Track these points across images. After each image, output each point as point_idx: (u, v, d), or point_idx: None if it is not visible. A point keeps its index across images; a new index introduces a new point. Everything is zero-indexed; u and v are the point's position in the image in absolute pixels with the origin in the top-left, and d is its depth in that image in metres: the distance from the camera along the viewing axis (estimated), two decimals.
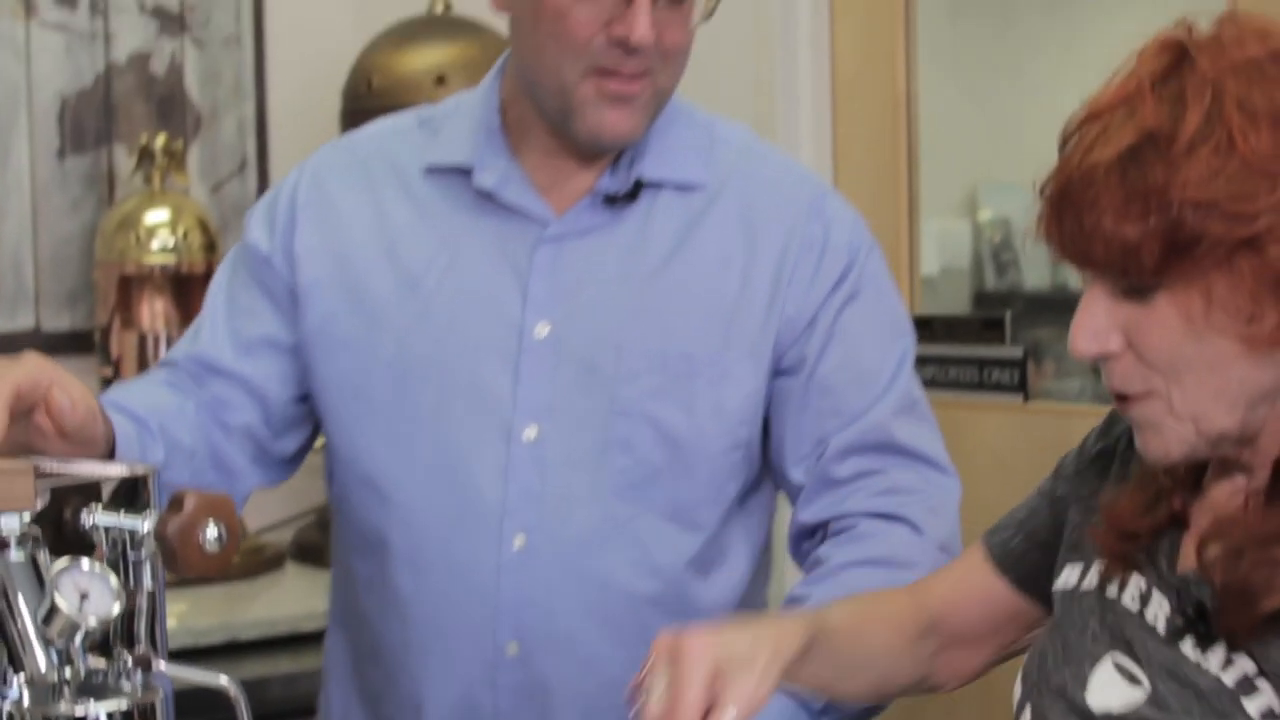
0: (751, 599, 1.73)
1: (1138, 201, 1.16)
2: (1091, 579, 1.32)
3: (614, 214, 1.66)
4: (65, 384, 1.44)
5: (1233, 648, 1.19)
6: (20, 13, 2.87)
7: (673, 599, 1.65)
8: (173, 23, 2.99)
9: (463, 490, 1.63)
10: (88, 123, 2.95)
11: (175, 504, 1.21)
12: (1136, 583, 1.29)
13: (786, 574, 2.37)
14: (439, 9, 3.02)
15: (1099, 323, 1.22)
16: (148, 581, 1.24)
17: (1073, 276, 3.03)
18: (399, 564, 1.67)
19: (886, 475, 1.64)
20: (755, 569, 1.73)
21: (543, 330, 1.64)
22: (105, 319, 2.80)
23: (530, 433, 1.63)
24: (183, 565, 1.21)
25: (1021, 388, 2.67)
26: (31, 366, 1.42)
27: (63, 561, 1.14)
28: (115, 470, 1.29)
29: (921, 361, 2.73)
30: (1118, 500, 1.32)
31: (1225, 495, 1.27)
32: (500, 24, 3.02)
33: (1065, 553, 1.38)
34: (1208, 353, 1.19)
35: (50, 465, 1.34)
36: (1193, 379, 1.20)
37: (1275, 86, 1.17)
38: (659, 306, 1.64)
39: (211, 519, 1.21)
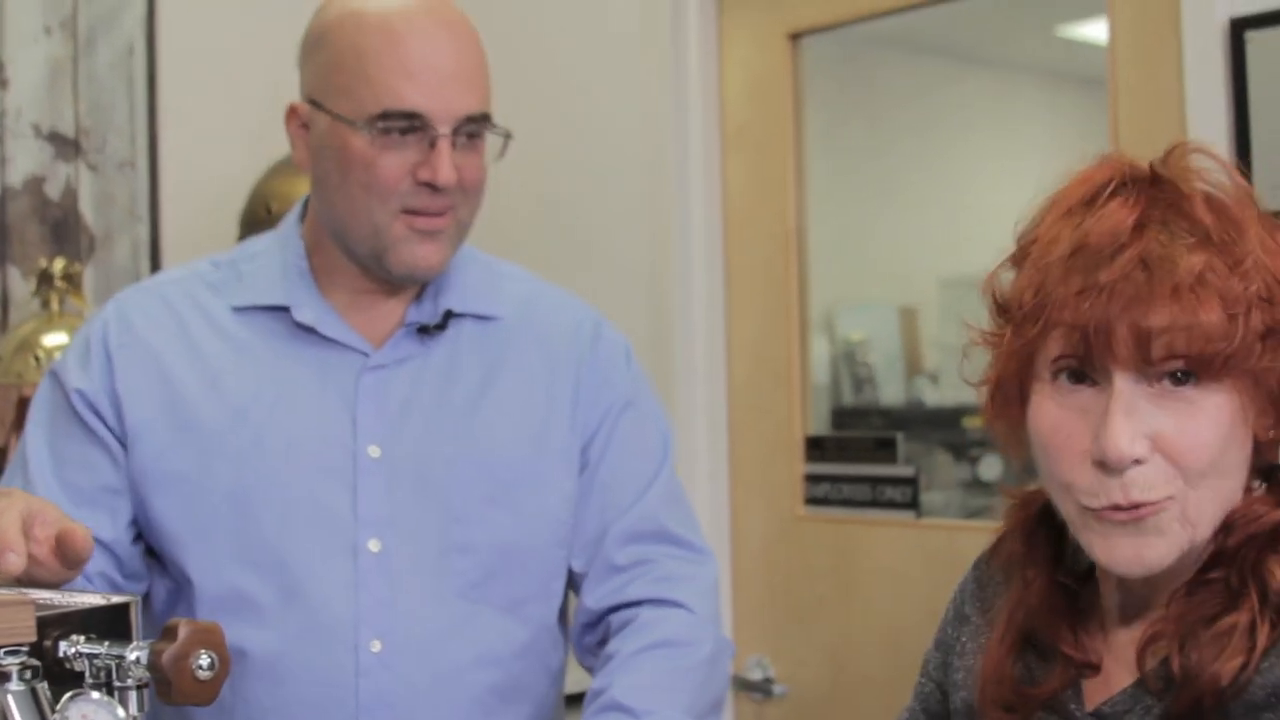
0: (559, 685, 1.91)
1: (1234, 301, 1.18)
2: None
3: (425, 343, 1.82)
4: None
5: None
6: None
7: (510, 687, 1.79)
8: (68, 147, 3.00)
9: (316, 604, 1.72)
10: None
11: (169, 633, 1.24)
12: None
13: None
14: None
15: (1140, 424, 1.20)
16: (133, 707, 1.26)
17: (927, 392, 3.16)
18: (256, 676, 1.74)
19: (659, 564, 1.84)
20: (567, 656, 1.91)
21: (374, 451, 1.77)
22: (3, 440, 2.78)
23: (374, 545, 1.75)
24: (176, 694, 1.23)
25: (914, 505, 2.76)
26: (35, 500, 1.48)
27: (70, 692, 1.16)
28: (95, 600, 1.31)
29: (816, 479, 2.84)
30: (991, 659, 1.35)
31: (1129, 626, 1.30)
32: None
33: (971, 714, 1.40)
34: (1234, 456, 1.22)
35: (35, 596, 1.36)
36: (1212, 485, 1.21)
37: (1262, 232, 1.23)
38: (478, 425, 1.80)
39: (204, 648, 1.24)
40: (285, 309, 1.80)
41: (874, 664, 2.77)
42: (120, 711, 1.16)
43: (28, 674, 1.18)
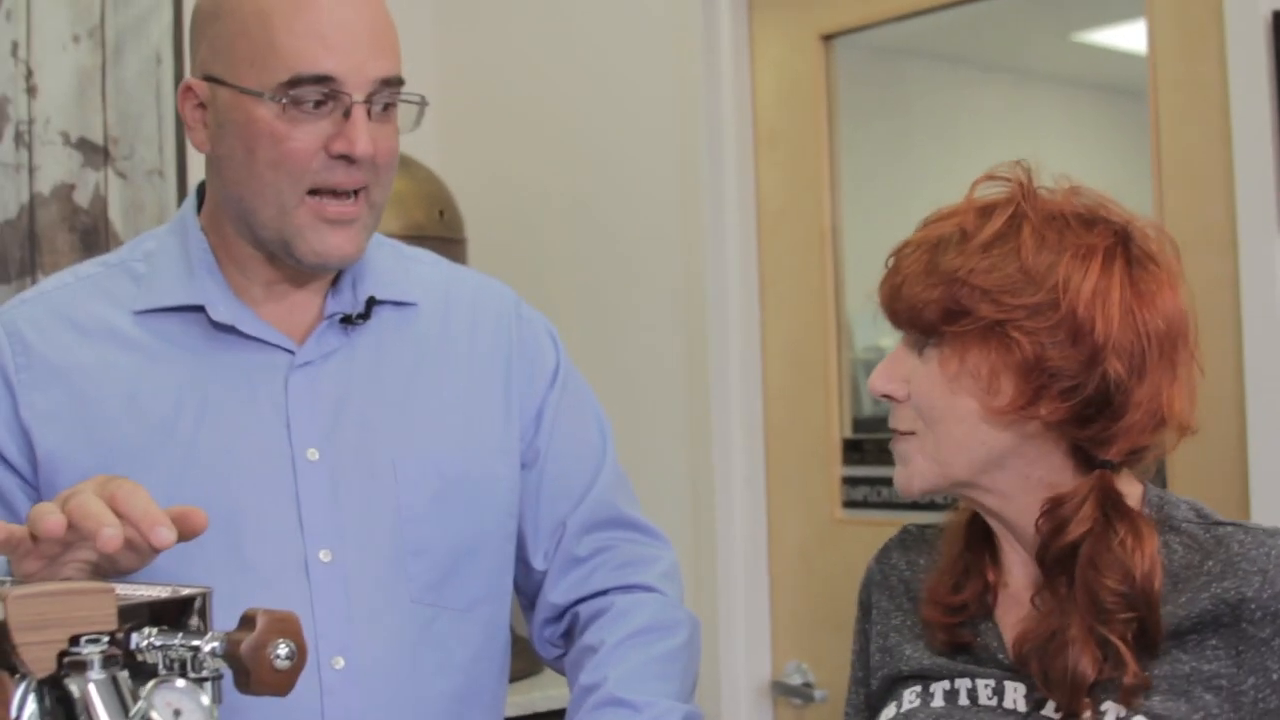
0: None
1: (935, 275, 1.47)
2: (938, 697, 1.53)
3: (349, 334, 1.70)
4: None
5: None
6: None
7: (469, 693, 1.72)
8: (96, 154, 2.99)
9: None
10: (12, 252, 2.93)
11: (246, 623, 1.22)
12: (983, 683, 1.52)
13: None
14: None
15: (892, 369, 1.53)
16: (206, 699, 1.24)
17: None
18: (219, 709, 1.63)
19: (620, 550, 1.79)
20: (509, 657, 1.83)
21: (313, 455, 1.65)
22: None
23: (325, 556, 1.64)
24: (255, 683, 1.22)
25: (953, 506, 2.73)
26: (113, 479, 1.41)
27: (156, 679, 1.14)
28: (164, 592, 1.29)
29: (854, 482, 2.82)
30: (934, 580, 1.60)
31: (1017, 568, 1.55)
32: (429, 157, 3.07)
33: (893, 686, 1.61)
34: (958, 409, 1.48)
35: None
36: (944, 429, 1.49)
37: (1065, 232, 1.47)
38: (417, 418, 1.70)
39: (283, 638, 1.22)
40: (196, 309, 1.65)
41: None
42: (205, 699, 1.14)
43: (109, 663, 1.17)
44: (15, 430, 1.62)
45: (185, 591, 1.30)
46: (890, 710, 1.57)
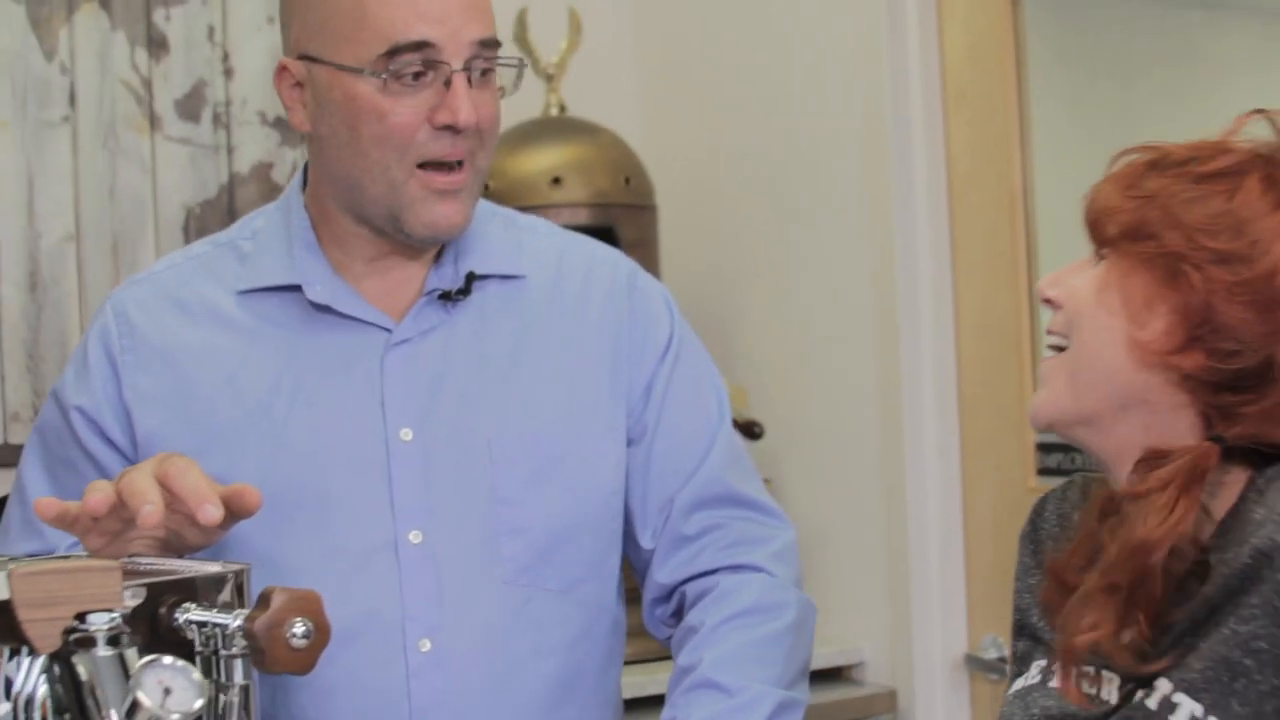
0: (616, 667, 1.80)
1: (1137, 188, 1.37)
2: (1056, 677, 1.44)
3: (449, 311, 1.69)
4: None
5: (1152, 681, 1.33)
6: (146, 128, 2.94)
7: (571, 677, 1.68)
8: (293, 133, 3.04)
9: (359, 607, 1.60)
10: (212, 232, 2.98)
11: (263, 601, 1.22)
12: (1086, 670, 1.40)
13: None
14: (554, 111, 3.04)
15: (1061, 275, 1.44)
16: (239, 676, 1.24)
17: None
18: (301, 688, 1.63)
19: (731, 528, 1.73)
20: (622, 638, 1.80)
21: (407, 435, 1.64)
22: None
23: (415, 537, 1.63)
24: (270, 661, 1.22)
25: None
26: (174, 458, 1.44)
27: (146, 658, 1.14)
28: (210, 568, 1.30)
29: (1048, 449, 2.71)
30: (1061, 558, 1.45)
31: None
32: (615, 123, 3.05)
33: (1029, 651, 1.53)
34: (1101, 324, 1.38)
35: (146, 563, 1.36)
36: (1085, 343, 1.39)
37: None
38: (516, 395, 1.68)
39: (299, 616, 1.22)
40: (296, 288, 1.66)
41: None
42: (197, 676, 1.14)
43: (115, 640, 1.17)
44: (119, 410, 1.65)
45: (229, 567, 1.31)
46: (1020, 681, 1.50)
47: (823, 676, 2.86)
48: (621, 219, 2.94)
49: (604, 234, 2.92)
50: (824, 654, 2.87)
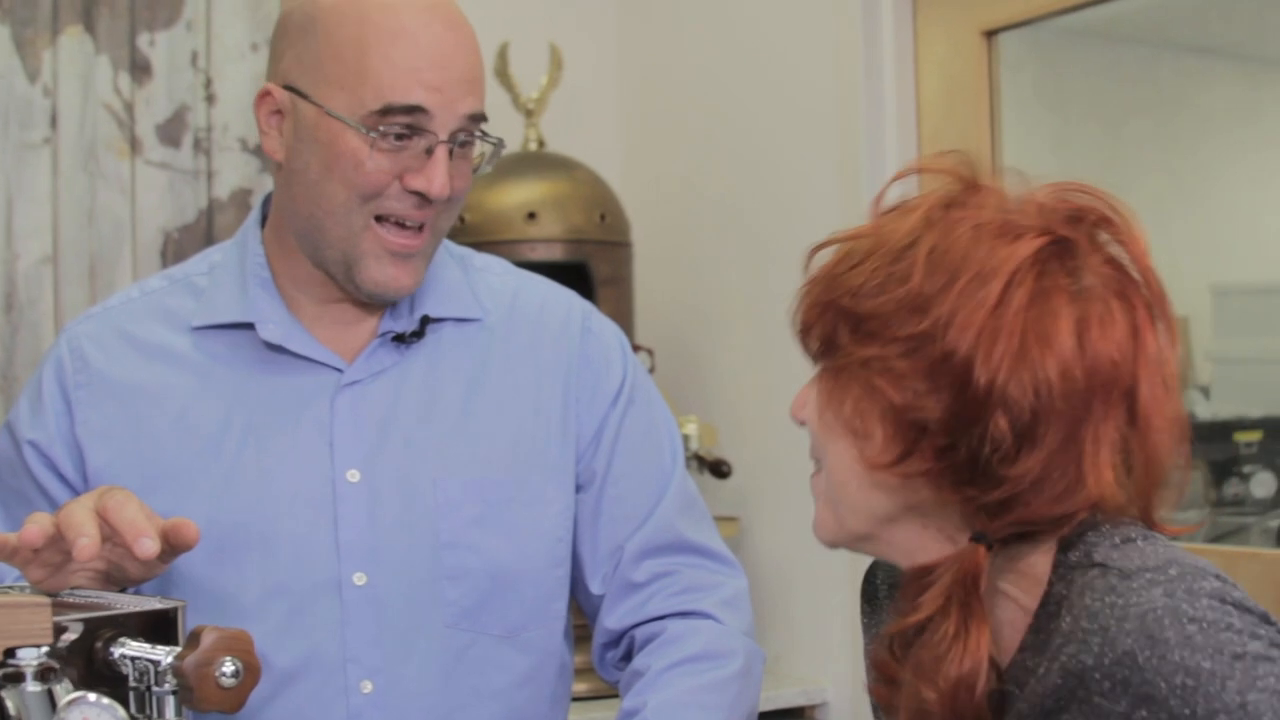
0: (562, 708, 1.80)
1: (824, 291, 1.27)
2: None
3: (402, 353, 1.69)
4: None
5: None
6: (126, 151, 2.95)
7: (515, 717, 1.69)
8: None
9: (301, 646, 1.60)
10: (190, 256, 3.01)
11: (193, 639, 1.23)
12: None
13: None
14: (532, 145, 3.06)
15: (803, 393, 1.32)
16: (170, 712, 1.25)
17: (1199, 406, 3.00)
18: None
19: (681, 575, 1.73)
20: (568, 681, 1.79)
21: (354, 476, 1.64)
22: None
23: (359, 579, 1.63)
24: (199, 700, 1.22)
25: None
26: (114, 491, 1.44)
27: (71, 695, 1.15)
28: (146, 605, 1.31)
29: None
30: (879, 652, 1.32)
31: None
32: (594, 159, 3.07)
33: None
34: (835, 449, 1.27)
35: (86, 596, 1.37)
36: (830, 468, 1.28)
37: (975, 245, 1.20)
38: (464, 439, 1.68)
39: (229, 655, 1.23)
40: (249, 326, 1.66)
41: None
42: (121, 713, 1.15)
43: (44, 676, 1.18)
44: (71, 445, 1.66)
45: (164, 604, 1.32)
46: None
47: (786, 716, 2.88)
48: (595, 255, 2.95)
49: (578, 270, 2.95)
50: (787, 694, 2.88)
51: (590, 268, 2.95)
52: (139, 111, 2.97)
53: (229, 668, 1.22)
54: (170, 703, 1.25)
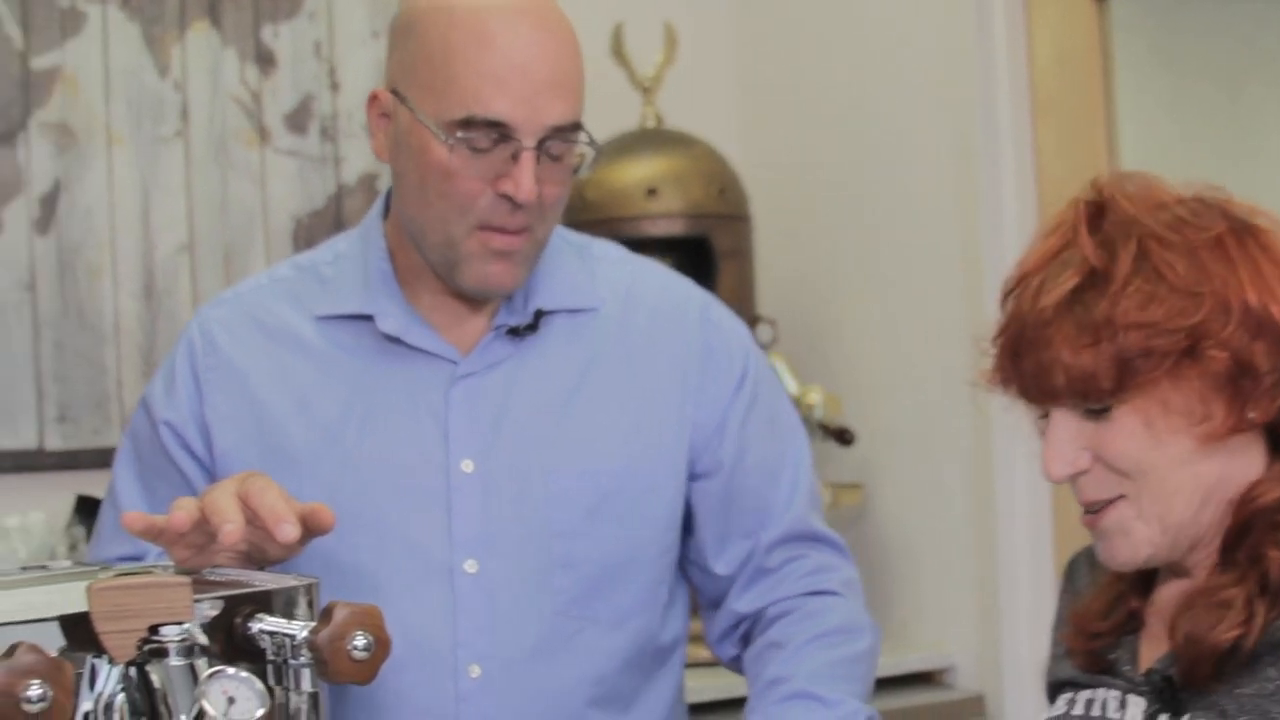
0: (680, 687, 1.83)
1: (1088, 332, 1.34)
2: (1078, 706, 1.49)
3: (517, 345, 1.70)
4: None
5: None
6: (255, 141, 3.04)
7: (615, 700, 1.72)
8: None
9: (412, 631, 1.61)
10: (320, 241, 3.08)
11: (327, 614, 1.28)
12: (1112, 695, 1.45)
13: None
14: (650, 123, 3.10)
15: (1067, 448, 1.38)
16: (307, 684, 1.31)
17: None
18: (354, 705, 1.66)
19: (809, 559, 1.78)
20: (681, 659, 1.83)
21: (468, 466, 1.67)
22: None
23: (471, 566, 1.66)
24: (332, 672, 1.28)
25: None
26: (254, 476, 1.49)
27: (212, 668, 1.22)
28: (283, 582, 1.37)
29: None
30: (1083, 606, 1.49)
31: (1174, 595, 1.43)
32: (711, 135, 3.10)
33: (1055, 690, 1.55)
34: (1170, 453, 1.36)
35: (227, 575, 1.43)
36: (1156, 479, 1.36)
37: (1181, 225, 1.36)
38: (577, 429, 1.70)
39: (360, 630, 1.28)
40: (368, 318, 1.70)
41: None
42: (259, 686, 1.21)
43: (186, 651, 1.25)
44: (202, 426, 1.71)
45: (300, 580, 1.38)
46: (1046, 713, 1.55)
47: (913, 681, 2.90)
48: (716, 229, 2.98)
49: (698, 244, 2.98)
50: (913, 659, 2.91)
51: (711, 241, 2.98)
52: (266, 101, 3.06)
53: (361, 641, 1.28)
54: (306, 675, 1.31)
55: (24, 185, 2.88)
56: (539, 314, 1.71)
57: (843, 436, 2.98)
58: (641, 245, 2.97)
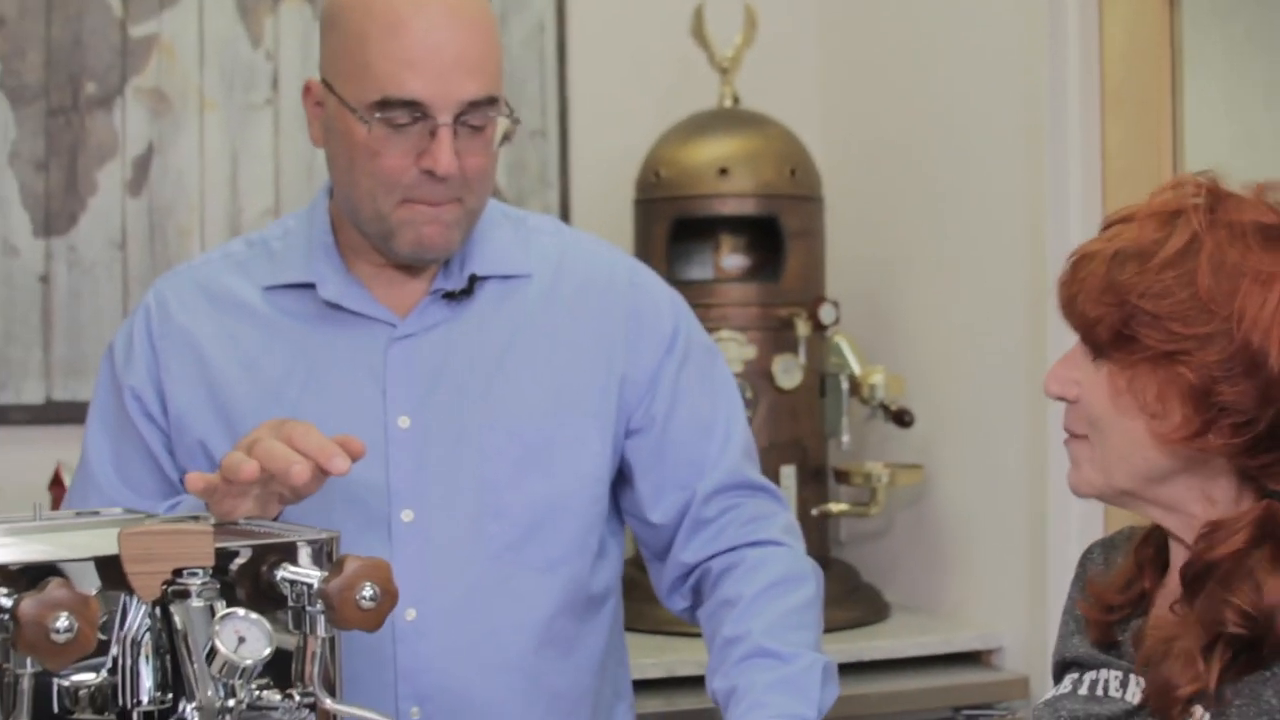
0: (616, 635, 1.94)
1: (1109, 293, 1.45)
2: (1084, 685, 1.57)
3: (453, 309, 1.82)
4: None
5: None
6: None
7: (550, 645, 1.82)
8: None
9: None
10: None
11: (337, 566, 1.38)
12: (1114, 675, 1.54)
13: None
14: (727, 103, 3.15)
15: (1066, 372, 1.52)
16: (322, 629, 1.41)
17: None
18: None
19: (746, 506, 1.88)
20: (616, 607, 1.92)
21: (404, 422, 1.78)
22: None
23: (407, 515, 1.77)
24: (341, 620, 1.38)
25: None
26: (288, 421, 1.60)
27: (225, 610, 1.32)
28: (306, 534, 1.47)
29: None
30: (1104, 580, 1.61)
31: (1174, 590, 1.51)
32: (785, 116, 3.16)
33: (1062, 670, 1.65)
34: (1125, 426, 1.48)
35: (258, 527, 1.53)
36: (1109, 440, 1.49)
37: (1246, 253, 1.43)
38: (508, 388, 1.81)
39: (368, 581, 1.38)
40: (313, 286, 1.81)
41: None
42: (268, 627, 1.31)
43: (206, 593, 1.35)
44: (158, 390, 1.83)
45: (322, 535, 1.48)
46: (1051, 691, 1.63)
47: (962, 659, 2.94)
48: (785, 209, 3.03)
49: (768, 224, 3.04)
50: (965, 637, 2.95)
51: (780, 221, 3.02)
52: None
53: (368, 591, 1.38)
54: (321, 621, 1.41)
55: (119, 148, 3.02)
56: (473, 279, 1.83)
57: (902, 418, 3.03)
58: (711, 224, 3.06)
